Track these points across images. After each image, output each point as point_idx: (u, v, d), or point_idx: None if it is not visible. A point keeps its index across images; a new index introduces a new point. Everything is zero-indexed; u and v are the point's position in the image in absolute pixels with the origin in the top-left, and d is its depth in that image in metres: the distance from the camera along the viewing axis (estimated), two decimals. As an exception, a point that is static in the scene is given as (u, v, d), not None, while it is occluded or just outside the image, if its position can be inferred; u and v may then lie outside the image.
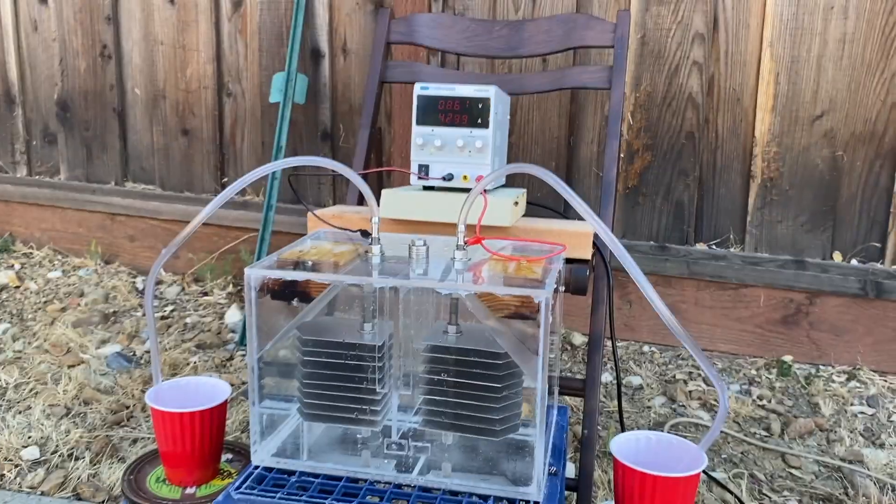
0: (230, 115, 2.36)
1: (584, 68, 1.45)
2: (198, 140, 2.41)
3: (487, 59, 2.03)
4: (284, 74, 2.14)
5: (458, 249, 0.91)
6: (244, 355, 1.91)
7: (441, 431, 0.89)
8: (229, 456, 1.16)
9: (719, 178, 1.95)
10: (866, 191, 1.86)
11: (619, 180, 1.99)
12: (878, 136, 1.82)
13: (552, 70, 1.49)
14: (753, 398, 1.75)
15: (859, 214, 1.87)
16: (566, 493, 1.18)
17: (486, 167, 1.14)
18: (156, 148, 2.47)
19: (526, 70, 2.03)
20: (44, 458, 1.43)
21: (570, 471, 1.39)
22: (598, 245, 1.23)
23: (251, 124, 2.34)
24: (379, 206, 1.10)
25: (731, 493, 1.37)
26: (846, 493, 1.39)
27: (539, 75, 1.48)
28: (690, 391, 1.77)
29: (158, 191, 2.48)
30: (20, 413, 1.59)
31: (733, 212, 1.96)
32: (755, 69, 1.87)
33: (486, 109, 1.12)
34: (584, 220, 0.88)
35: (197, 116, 2.39)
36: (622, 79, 1.39)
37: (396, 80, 1.52)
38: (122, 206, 2.45)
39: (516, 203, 1.15)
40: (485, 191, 1.02)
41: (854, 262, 1.89)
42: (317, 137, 2.27)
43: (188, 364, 1.84)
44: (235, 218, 2.30)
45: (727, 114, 1.92)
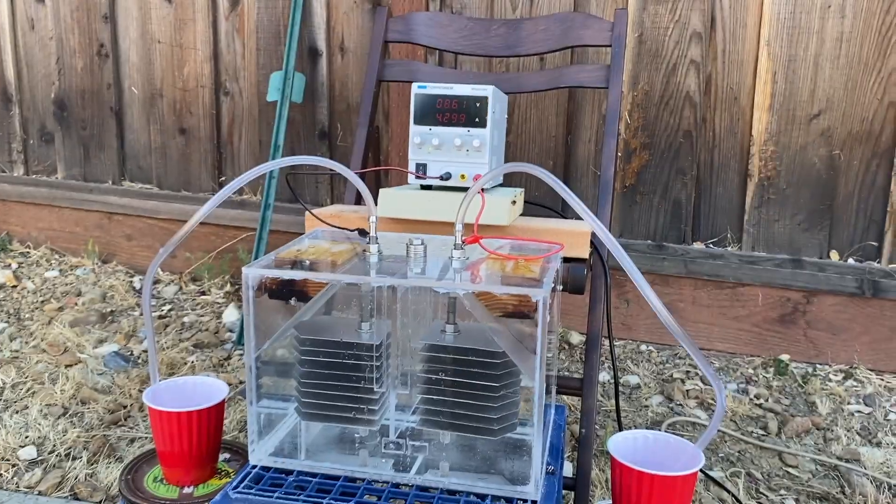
0: (227, 114, 2.35)
1: (582, 67, 1.45)
2: (195, 139, 2.40)
3: (485, 58, 2.03)
4: (282, 73, 2.14)
5: (455, 248, 0.91)
6: (242, 355, 1.91)
7: (439, 431, 0.89)
8: (227, 455, 1.16)
9: (716, 177, 1.95)
10: (863, 190, 1.86)
11: (616, 179, 1.99)
12: (875, 135, 1.82)
13: (550, 69, 1.49)
14: (750, 397, 1.75)
15: (856, 213, 1.87)
16: (564, 492, 1.18)
17: (483, 166, 1.14)
18: (153, 147, 2.46)
19: (523, 69, 2.03)
20: (41, 458, 1.43)
21: (568, 470, 1.39)
22: (595, 244, 1.23)
23: (248, 123, 2.34)
24: (377, 205, 1.10)
25: (729, 491, 1.38)
26: (843, 492, 1.39)
27: (536, 74, 1.48)
28: (688, 390, 1.78)
29: (156, 190, 2.48)
30: (17, 413, 1.58)
31: (730, 211, 1.96)
32: (752, 68, 1.87)
33: (484, 109, 1.12)
34: (581, 219, 0.88)
35: (194, 115, 2.39)
36: (619, 78, 1.39)
37: (394, 79, 1.52)
38: (120, 206, 2.45)
39: (514, 202, 1.15)
40: (482, 190, 1.02)
41: (851, 261, 1.89)
42: (314, 136, 2.27)
43: (186, 363, 1.84)
44: (233, 217, 2.30)
45: (724, 113, 1.92)
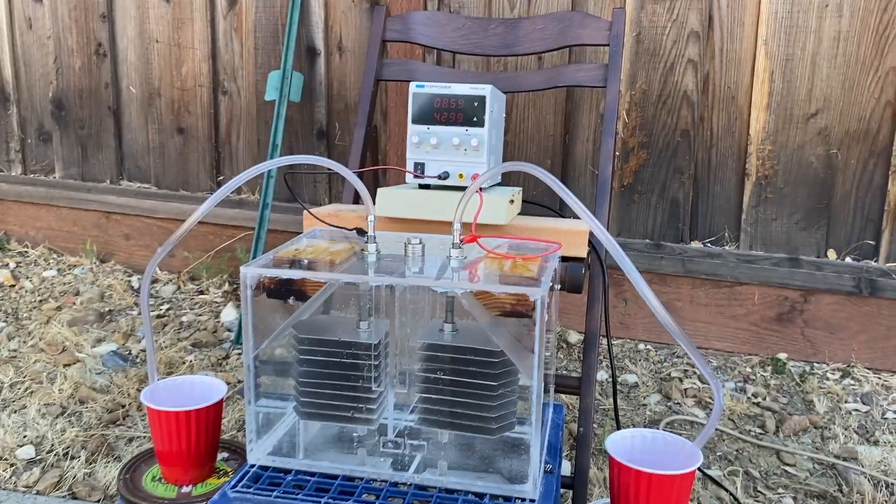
0: (226, 114, 2.35)
1: (580, 66, 1.45)
2: (193, 138, 2.40)
3: (483, 57, 2.03)
4: (280, 72, 2.14)
5: (453, 248, 0.91)
6: (240, 354, 1.91)
7: (437, 430, 0.89)
8: (225, 455, 1.16)
9: (714, 176, 1.96)
10: (860, 189, 1.86)
11: (614, 178, 1.99)
12: (873, 134, 1.83)
13: (548, 68, 1.49)
14: (748, 396, 1.75)
15: (853, 212, 1.88)
16: (562, 490, 1.18)
17: (481, 165, 1.14)
18: (151, 146, 2.46)
19: (521, 68, 2.03)
20: (39, 458, 1.43)
21: (566, 468, 1.39)
22: (593, 243, 1.23)
23: (247, 122, 2.33)
24: (375, 204, 1.11)
25: (727, 490, 1.38)
26: (840, 490, 1.40)
27: (534, 73, 1.48)
28: (686, 389, 1.78)
29: (154, 189, 2.48)
30: (15, 412, 1.58)
31: (728, 210, 1.96)
32: (750, 67, 1.88)
33: (482, 108, 1.12)
34: (579, 218, 0.88)
35: (192, 115, 2.39)
36: (617, 77, 1.39)
37: (392, 79, 1.52)
38: (118, 205, 2.44)
39: (512, 201, 1.15)
40: (480, 189, 1.02)
41: (848, 259, 1.89)
42: (312, 135, 2.27)
43: (184, 363, 1.84)
44: (231, 216, 2.30)
45: (722, 112, 1.92)
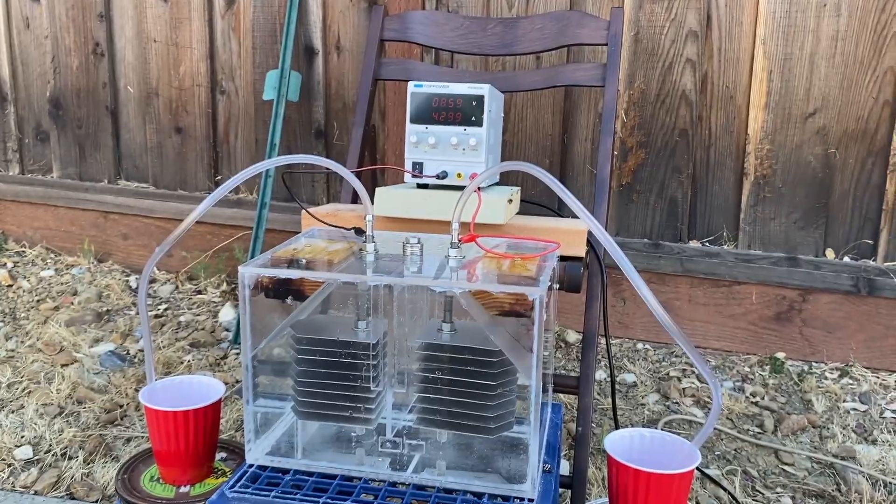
0: (224, 113, 2.35)
1: (578, 66, 1.45)
2: (191, 138, 2.40)
3: (481, 56, 2.03)
4: (278, 72, 2.13)
5: (452, 247, 0.91)
6: (238, 354, 1.91)
7: (435, 429, 0.89)
8: (223, 455, 1.16)
9: (712, 175, 1.96)
10: (858, 188, 1.86)
11: (612, 178, 1.99)
12: (871, 134, 1.83)
13: (546, 67, 1.49)
14: (747, 395, 1.76)
15: (852, 212, 1.88)
16: (560, 490, 1.18)
17: (480, 165, 1.14)
18: (149, 146, 2.46)
19: (520, 67, 2.03)
20: (37, 458, 1.43)
21: (565, 468, 1.39)
22: (592, 242, 1.23)
23: (245, 122, 2.33)
24: (373, 204, 1.10)
25: (725, 489, 1.38)
26: (839, 490, 1.40)
27: (533, 73, 1.48)
28: (684, 388, 1.78)
29: (152, 189, 2.47)
30: (13, 412, 1.58)
31: (726, 209, 1.96)
32: (748, 67, 1.88)
33: (480, 107, 1.12)
34: (578, 217, 0.88)
35: (190, 114, 2.38)
36: (616, 76, 1.39)
37: (390, 78, 1.52)
38: (116, 205, 2.44)
39: (510, 201, 1.15)
40: (479, 188, 1.02)
41: (846, 259, 1.89)
42: (310, 135, 2.27)
43: (182, 362, 1.84)
44: (229, 216, 2.30)
45: (720, 111, 1.92)
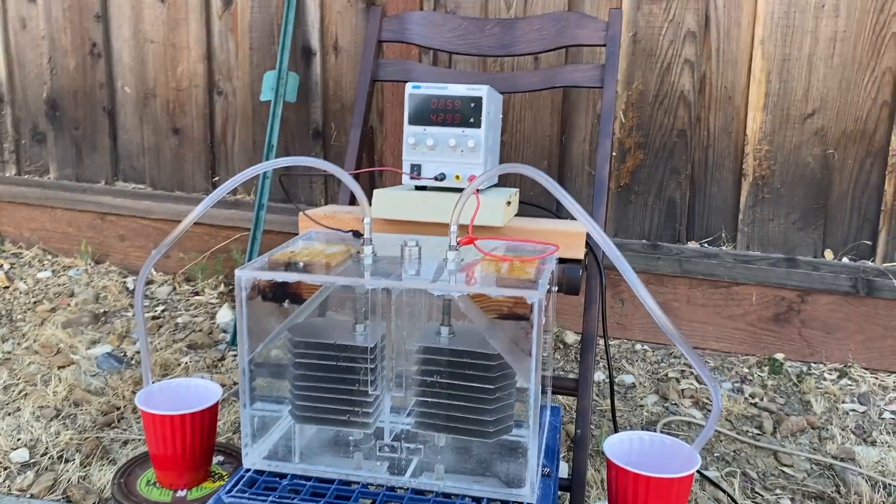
0: (221, 114, 2.34)
1: (576, 67, 1.44)
2: (189, 139, 2.39)
3: (479, 57, 2.02)
4: (275, 73, 2.13)
5: (450, 250, 0.90)
6: (236, 355, 1.90)
7: (434, 433, 0.88)
8: (220, 458, 1.15)
9: (711, 176, 1.95)
10: (857, 189, 1.86)
11: (611, 179, 1.99)
12: (869, 135, 1.83)
13: (544, 68, 1.49)
14: (745, 396, 1.75)
15: (850, 212, 1.87)
16: (559, 492, 1.17)
17: (478, 167, 1.13)
18: (146, 147, 2.45)
19: (518, 68, 2.03)
20: (33, 461, 1.42)
21: (563, 470, 1.39)
22: (591, 244, 1.23)
23: (242, 123, 2.32)
24: (371, 206, 1.10)
25: (724, 491, 1.38)
26: (838, 491, 1.40)
27: (531, 74, 1.47)
28: (683, 389, 1.78)
29: (149, 190, 2.47)
30: (9, 415, 1.57)
31: (725, 210, 1.96)
32: (747, 67, 1.87)
33: (479, 109, 1.11)
34: (576, 219, 0.87)
35: (188, 115, 2.37)
36: (614, 77, 1.39)
37: (388, 79, 1.51)
38: (113, 206, 2.43)
39: (509, 203, 1.15)
40: (477, 191, 1.02)
41: (845, 260, 1.89)
42: (308, 136, 2.26)
43: (179, 364, 1.83)
44: (227, 217, 2.29)
45: (719, 112, 1.92)
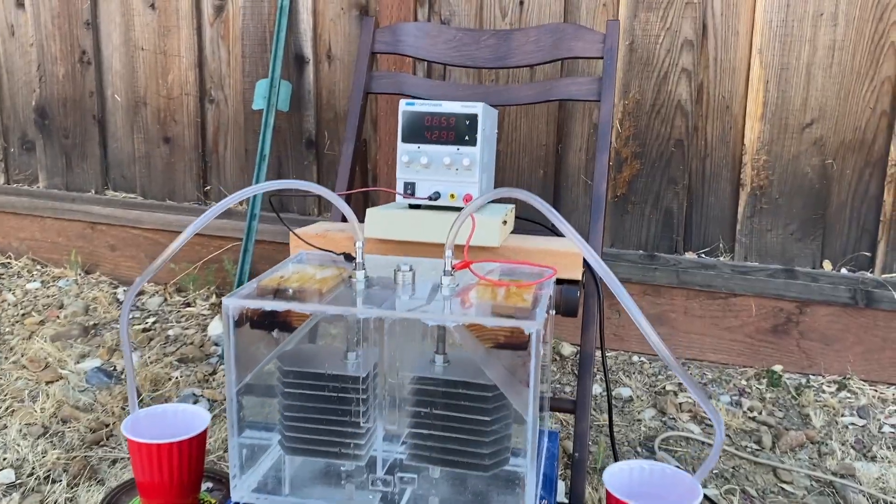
0: (213, 123, 2.31)
1: (573, 80, 1.42)
2: (180, 148, 2.36)
3: (475, 69, 2.00)
4: (268, 81, 2.10)
5: (445, 275, 0.88)
6: (227, 369, 1.87)
7: (428, 465, 0.86)
8: (209, 485, 1.12)
9: (708, 186, 1.93)
10: (856, 199, 1.84)
11: (607, 188, 1.96)
12: (868, 145, 1.81)
13: (540, 81, 1.47)
14: (744, 410, 1.73)
15: (849, 223, 1.86)
16: (557, 516, 1.15)
17: (473, 185, 1.11)
18: (137, 156, 2.42)
19: (513, 79, 2.00)
20: (20, 482, 1.39)
21: (560, 488, 1.36)
22: (588, 262, 1.20)
23: (234, 132, 2.30)
24: (363, 224, 1.07)
25: (724, 511, 1.36)
26: (839, 510, 1.38)
27: (527, 86, 1.45)
28: (680, 403, 1.75)
29: (140, 199, 2.43)
30: (-4, 433, 1.54)
31: (722, 220, 1.94)
32: (744, 76, 1.85)
33: (474, 126, 1.09)
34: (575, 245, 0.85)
35: (179, 124, 2.34)
36: (612, 91, 1.36)
37: (382, 92, 1.49)
38: (103, 215, 2.40)
39: (505, 222, 1.12)
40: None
41: (844, 270, 1.87)
42: (301, 145, 2.23)
43: (170, 379, 1.80)
44: (219, 227, 2.26)
45: (716, 121, 1.90)
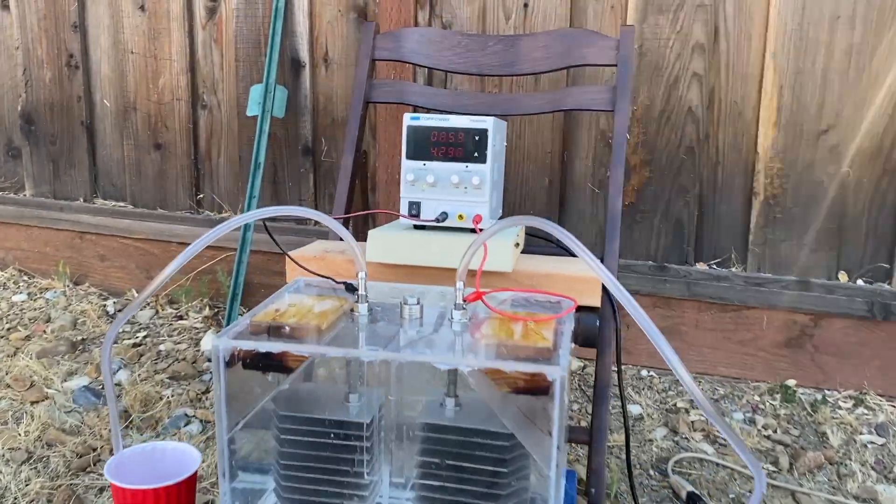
0: (205, 129, 2.23)
1: (585, 88, 1.35)
2: (171, 155, 2.28)
3: (480, 77, 1.93)
4: (262, 86, 2.03)
5: (455, 309, 0.81)
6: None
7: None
8: (202, 526, 1.05)
9: (720, 195, 1.87)
10: (873, 209, 1.78)
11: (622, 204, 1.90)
12: (886, 152, 1.74)
13: (550, 90, 1.40)
14: (759, 427, 1.67)
15: (866, 233, 1.79)
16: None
17: (483, 205, 1.03)
18: (127, 163, 2.34)
19: (517, 86, 1.93)
20: (1, 514, 1.32)
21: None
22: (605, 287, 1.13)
23: (228, 138, 2.22)
24: (366, 247, 1.00)
25: (744, 542, 1.29)
26: (865, 540, 1.31)
27: (537, 96, 1.38)
28: (693, 421, 1.69)
29: (130, 208, 2.35)
30: (-23, 460, 1.47)
31: (735, 230, 1.87)
32: (758, 82, 1.79)
33: (484, 142, 1.02)
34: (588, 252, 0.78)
35: (170, 130, 2.27)
36: (627, 100, 1.29)
37: (382, 101, 1.42)
38: (92, 224, 2.32)
39: (517, 244, 1.05)
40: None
41: (860, 282, 1.81)
42: (297, 152, 2.16)
43: (161, 398, 1.72)
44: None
45: (728, 128, 1.83)
